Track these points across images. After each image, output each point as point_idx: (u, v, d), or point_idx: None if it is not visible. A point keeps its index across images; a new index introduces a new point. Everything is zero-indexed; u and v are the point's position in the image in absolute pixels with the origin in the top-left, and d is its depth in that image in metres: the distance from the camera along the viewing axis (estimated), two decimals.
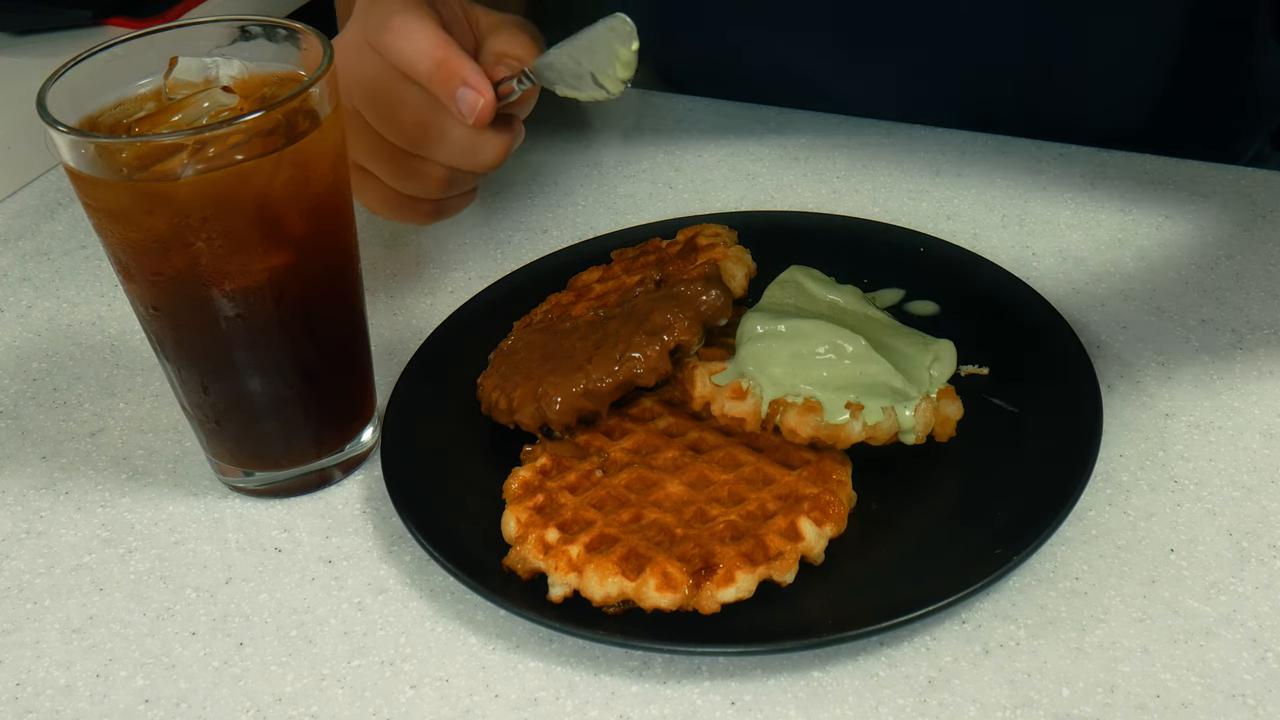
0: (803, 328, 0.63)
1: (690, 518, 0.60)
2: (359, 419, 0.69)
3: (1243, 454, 0.66)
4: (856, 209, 0.87)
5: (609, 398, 0.63)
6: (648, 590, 0.56)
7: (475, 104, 0.69)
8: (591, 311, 0.69)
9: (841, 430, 0.61)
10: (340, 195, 0.64)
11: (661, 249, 0.75)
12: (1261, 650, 0.56)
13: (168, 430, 0.74)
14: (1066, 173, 0.89)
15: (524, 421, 0.64)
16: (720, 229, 0.74)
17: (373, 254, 0.86)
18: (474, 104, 0.69)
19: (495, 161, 0.73)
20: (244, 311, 0.61)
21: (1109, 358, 0.72)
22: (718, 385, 0.62)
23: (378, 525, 0.66)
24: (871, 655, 0.57)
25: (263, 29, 0.65)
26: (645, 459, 0.63)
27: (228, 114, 0.61)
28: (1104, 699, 0.54)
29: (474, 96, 0.69)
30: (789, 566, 0.57)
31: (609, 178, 0.93)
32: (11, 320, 0.84)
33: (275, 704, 0.57)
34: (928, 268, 0.77)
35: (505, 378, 0.67)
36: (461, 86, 0.69)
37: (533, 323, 0.72)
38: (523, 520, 0.60)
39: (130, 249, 0.60)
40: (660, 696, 0.56)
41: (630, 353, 0.63)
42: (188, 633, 0.61)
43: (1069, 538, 0.61)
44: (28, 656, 0.61)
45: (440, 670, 0.58)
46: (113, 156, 0.58)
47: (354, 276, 0.67)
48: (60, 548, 0.67)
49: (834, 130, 0.96)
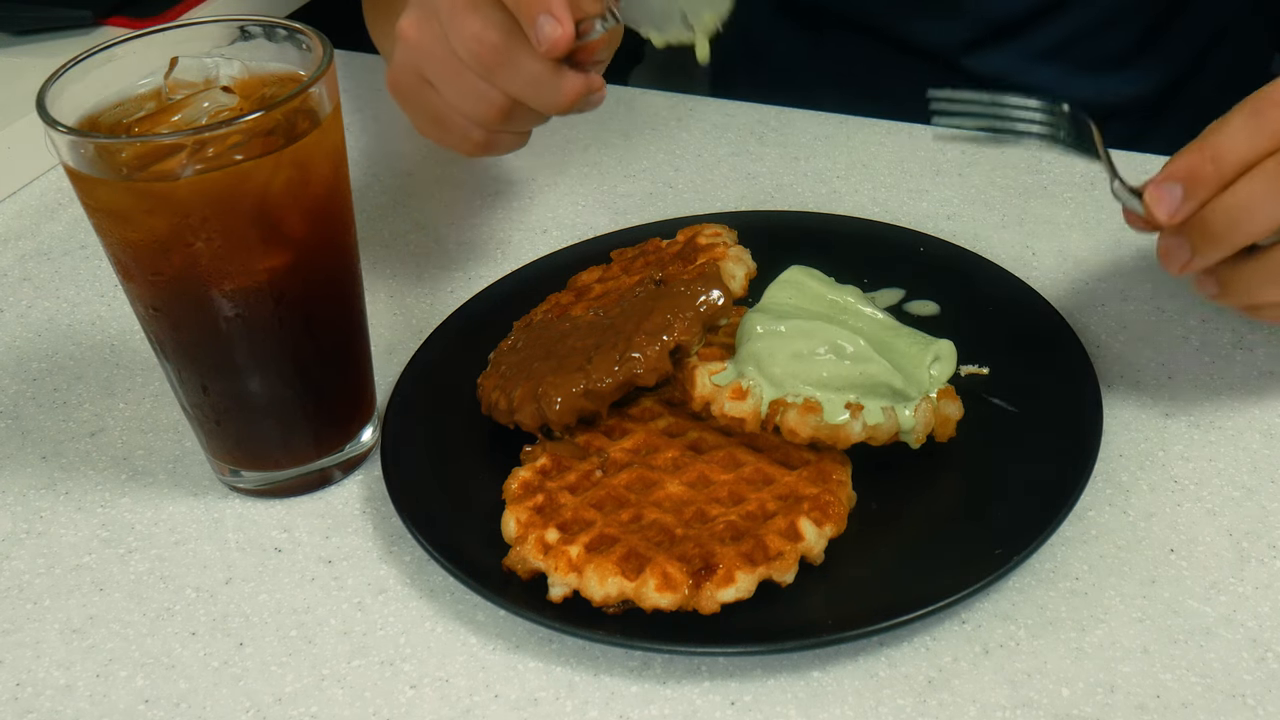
0: (803, 328, 0.63)
1: (690, 518, 0.60)
2: (359, 419, 0.69)
3: (1243, 454, 0.65)
4: (856, 209, 0.87)
5: (609, 398, 0.63)
6: (647, 590, 0.56)
7: (554, 34, 0.65)
8: (591, 311, 0.69)
9: (841, 430, 0.61)
10: (340, 195, 0.64)
11: (661, 249, 0.75)
12: (1261, 650, 0.56)
13: (168, 430, 0.74)
14: (1066, 173, 0.89)
15: (524, 421, 0.64)
16: (720, 229, 0.74)
17: (373, 254, 0.86)
18: (552, 33, 0.65)
19: (562, 106, 0.69)
20: (244, 311, 0.61)
21: (1109, 358, 0.72)
22: (718, 385, 0.62)
23: (377, 525, 0.66)
24: (871, 655, 0.57)
25: (263, 29, 0.65)
26: (645, 459, 0.63)
27: (228, 114, 0.61)
28: (1104, 699, 0.54)
29: (554, 25, 0.65)
30: (789, 566, 0.57)
31: (609, 178, 0.93)
32: (11, 320, 0.84)
33: (275, 704, 0.57)
34: (927, 267, 0.77)
35: (505, 378, 0.67)
36: (544, 14, 0.65)
37: (533, 323, 0.72)
38: (523, 520, 0.60)
39: (130, 249, 0.60)
40: (660, 696, 0.56)
41: (630, 353, 0.63)
42: (188, 633, 0.61)
43: (1069, 538, 0.61)
44: (28, 656, 0.61)
45: (440, 670, 0.58)
46: (112, 156, 0.58)
47: (354, 276, 0.67)
48: (60, 548, 0.67)
49: (834, 130, 0.96)
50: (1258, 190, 0.57)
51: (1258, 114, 0.57)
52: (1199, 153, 0.58)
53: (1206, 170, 0.58)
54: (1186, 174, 0.59)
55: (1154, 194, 0.59)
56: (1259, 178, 0.57)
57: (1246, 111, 0.58)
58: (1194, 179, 0.59)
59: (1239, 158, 0.57)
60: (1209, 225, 0.59)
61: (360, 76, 1.09)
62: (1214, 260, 0.60)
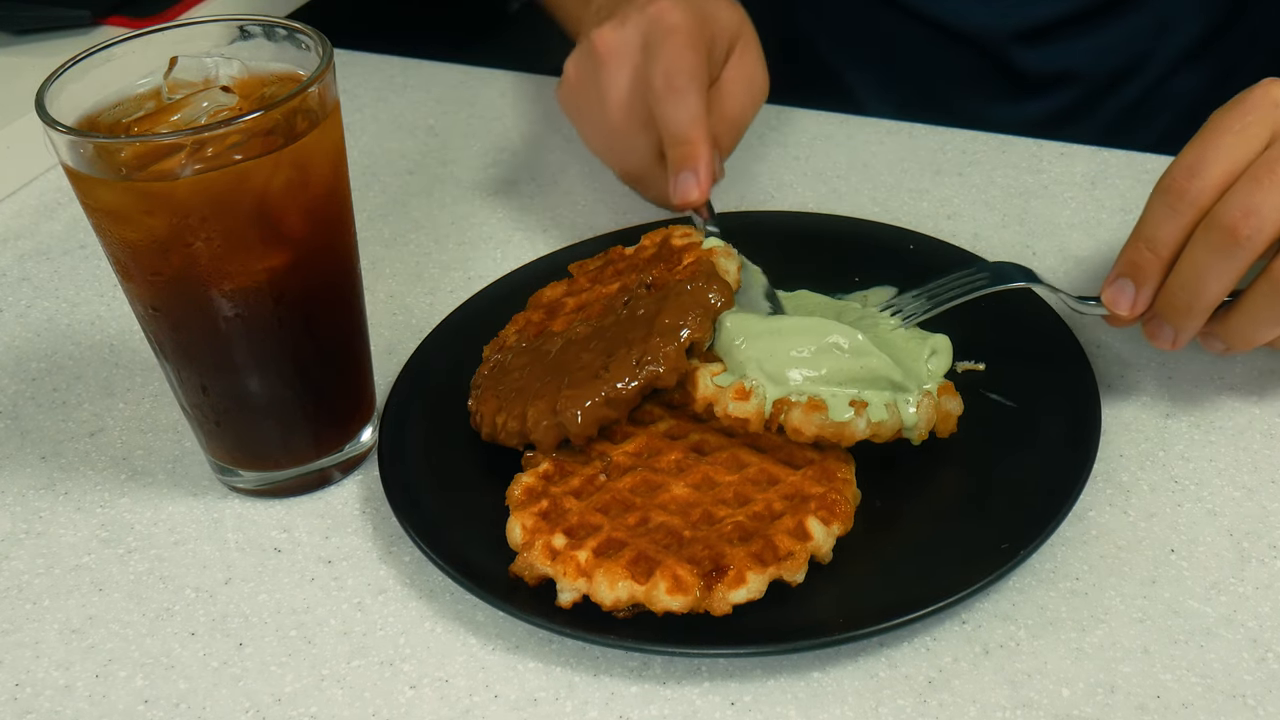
0: (800, 324, 0.63)
1: (697, 519, 0.59)
2: (358, 419, 0.69)
3: (1243, 454, 0.65)
4: (856, 209, 0.86)
5: (632, 402, 0.62)
6: (658, 593, 0.56)
7: (689, 193, 0.73)
8: (579, 325, 0.68)
9: (846, 428, 0.60)
10: (340, 195, 0.64)
11: (627, 256, 0.73)
12: (1262, 650, 0.56)
13: (167, 430, 0.73)
14: (1067, 173, 0.89)
15: (541, 440, 0.63)
16: (689, 229, 0.73)
17: (373, 254, 0.86)
18: (688, 192, 0.73)
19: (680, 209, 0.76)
20: (243, 311, 0.61)
21: (1109, 358, 0.72)
22: (720, 386, 0.62)
23: (377, 525, 0.66)
24: (871, 655, 0.57)
25: (262, 29, 0.65)
26: (648, 462, 0.63)
27: (227, 114, 0.61)
28: (1104, 699, 0.54)
29: (693, 187, 0.73)
30: (799, 566, 0.57)
31: (609, 178, 0.92)
32: (11, 320, 0.84)
33: (275, 704, 0.57)
34: (926, 267, 0.76)
35: (507, 400, 0.65)
36: (687, 171, 0.72)
37: (506, 345, 0.70)
38: (528, 526, 0.60)
39: (129, 249, 0.60)
40: (660, 697, 0.56)
41: (647, 355, 0.62)
42: (187, 633, 0.61)
43: (1069, 538, 0.61)
44: (27, 656, 0.61)
45: (440, 670, 0.58)
46: (111, 156, 0.58)
47: (354, 276, 0.67)
48: (60, 548, 0.66)
49: (834, 130, 0.96)
50: (1200, 259, 0.61)
51: (1169, 191, 0.62)
52: (1134, 246, 0.63)
53: (1146, 259, 0.63)
54: (1131, 268, 0.64)
55: (1110, 296, 0.65)
56: (1198, 247, 0.61)
57: (1159, 192, 0.62)
58: (1138, 270, 0.63)
59: (1170, 236, 0.62)
60: (1174, 302, 0.63)
61: (360, 76, 1.09)
62: (1197, 328, 0.64)
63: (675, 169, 0.73)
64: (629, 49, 0.76)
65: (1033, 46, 1.02)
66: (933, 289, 0.69)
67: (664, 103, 0.73)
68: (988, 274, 0.69)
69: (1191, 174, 0.61)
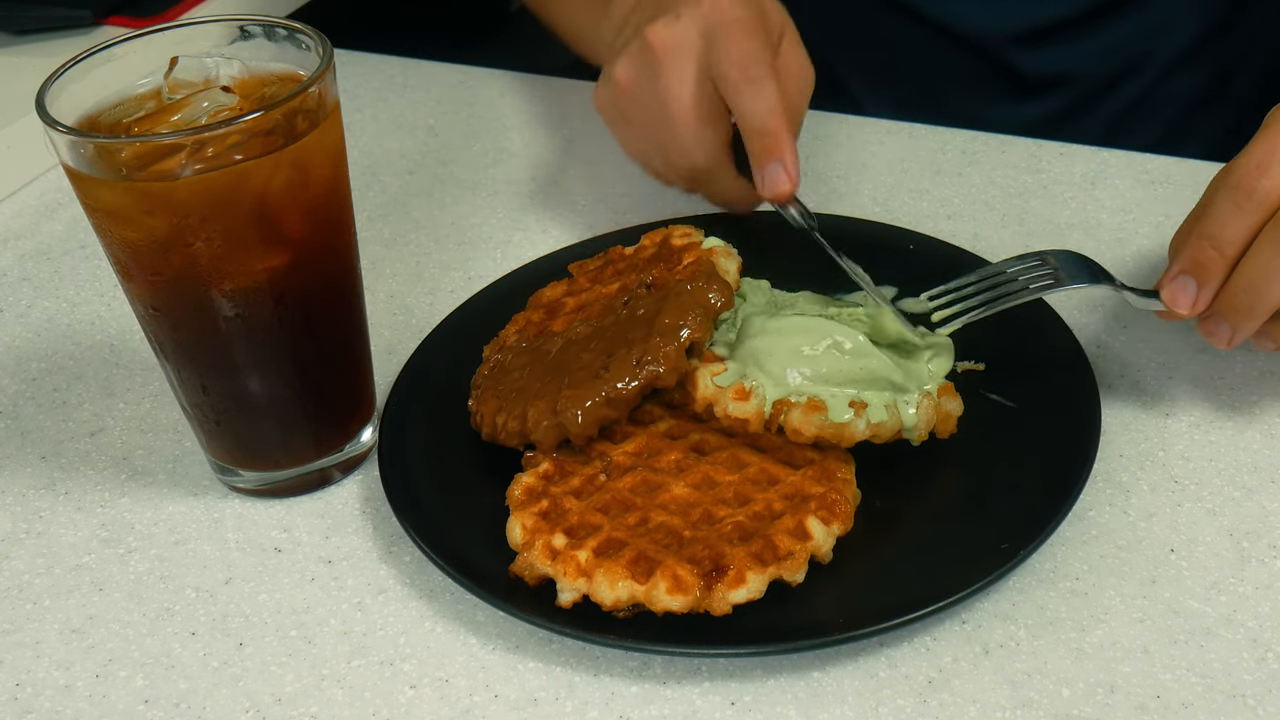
0: (801, 324, 0.63)
1: (697, 520, 0.60)
2: (358, 419, 0.69)
3: (1243, 454, 0.65)
4: (856, 209, 0.86)
5: (632, 402, 0.62)
6: (659, 593, 0.56)
7: (780, 184, 0.71)
8: (579, 325, 0.68)
9: (846, 429, 0.61)
10: (340, 195, 0.64)
11: (627, 256, 0.73)
12: (1262, 650, 0.56)
13: (167, 430, 0.73)
14: (1066, 173, 0.89)
15: (541, 440, 0.63)
16: (689, 228, 0.73)
17: (373, 254, 0.86)
18: (779, 184, 0.71)
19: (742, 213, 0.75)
20: (243, 311, 0.61)
21: (1109, 358, 0.72)
22: (720, 386, 0.62)
23: (377, 525, 0.66)
24: (872, 655, 0.57)
25: (263, 29, 0.65)
26: (648, 462, 0.63)
27: (227, 114, 0.61)
28: (1104, 699, 0.54)
29: (784, 178, 0.71)
30: (799, 566, 0.57)
31: (609, 178, 0.93)
32: (11, 320, 0.84)
33: (275, 704, 0.57)
34: (925, 267, 0.76)
35: (507, 400, 0.65)
36: (775, 162, 0.70)
37: (506, 345, 0.71)
38: (528, 526, 0.60)
39: (129, 249, 0.60)
40: (660, 697, 0.56)
41: (648, 354, 0.62)
42: (187, 633, 0.61)
43: (1069, 538, 0.61)
44: (27, 656, 0.61)
45: (440, 670, 0.58)
46: (112, 156, 0.58)
47: (354, 276, 0.67)
48: (60, 548, 0.66)
49: (833, 130, 0.96)
50: (1267, 261, 0.60)
51: (1238, 189, 0.60)
52: (1198, 244, 0.61)
53: (1210, 257, 0.61)
54: (1194, 266, 0.62)
55: (1170, 294, 0.63)
56: (1265, 248, 0.60)
57: (1227, 190, 0.60)
58: (1202, 269, 0.61)
59: (1236, 235, 0.60)
60: (1236, 303, 0.61)
61: (360, 76, 1.09)
62: (1256, 328, 0.62)
63: (761, 161, 0.71)
64: (689, 43, 0.74)
65: (1032, 48, 1.02)
66: (989, 280, 0.66)
67: (741, 94, 0.71)
68: (1052, 272, 0.66)
69: (1262, 172, 0.59)
